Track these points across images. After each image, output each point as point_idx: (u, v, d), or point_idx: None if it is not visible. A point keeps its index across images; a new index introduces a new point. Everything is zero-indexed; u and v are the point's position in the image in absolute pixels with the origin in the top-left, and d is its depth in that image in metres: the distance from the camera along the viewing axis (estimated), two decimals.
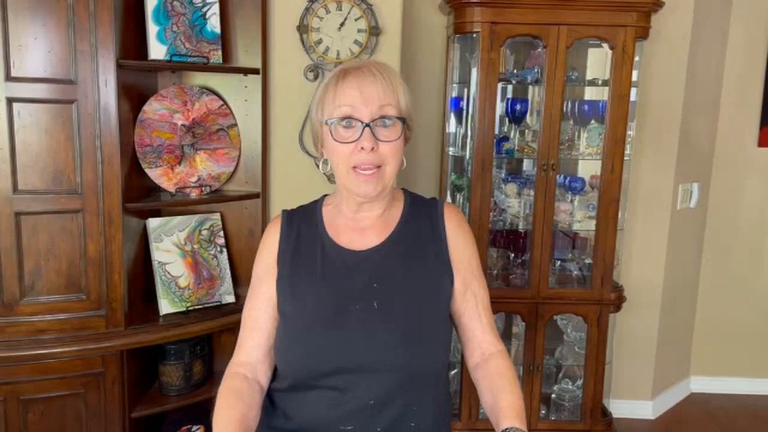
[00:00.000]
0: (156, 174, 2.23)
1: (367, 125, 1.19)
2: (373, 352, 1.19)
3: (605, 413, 2.80)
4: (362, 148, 1.18)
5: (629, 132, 2.57)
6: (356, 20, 2.34)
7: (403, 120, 1.23)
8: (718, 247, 3.25)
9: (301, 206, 1.39)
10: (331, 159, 1.26)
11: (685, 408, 3.23)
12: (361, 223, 1.31)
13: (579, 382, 2.79)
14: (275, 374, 1.33)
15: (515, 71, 2.70)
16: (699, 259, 3.26)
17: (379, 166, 1.21)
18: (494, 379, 1.26)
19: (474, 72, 2.51)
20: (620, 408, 3.01)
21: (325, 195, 1.40)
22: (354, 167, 1.21)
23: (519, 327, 2.80)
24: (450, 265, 1.30)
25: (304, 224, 1.33)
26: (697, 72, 2.89)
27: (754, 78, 3.10)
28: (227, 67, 2.34)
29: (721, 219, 3.23)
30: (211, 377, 2.38)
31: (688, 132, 2.91)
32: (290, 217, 1.35)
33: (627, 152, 2.59)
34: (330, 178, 2.31)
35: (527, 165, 2.83)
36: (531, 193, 2.62)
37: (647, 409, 3.09)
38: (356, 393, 1.19)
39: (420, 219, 1.33)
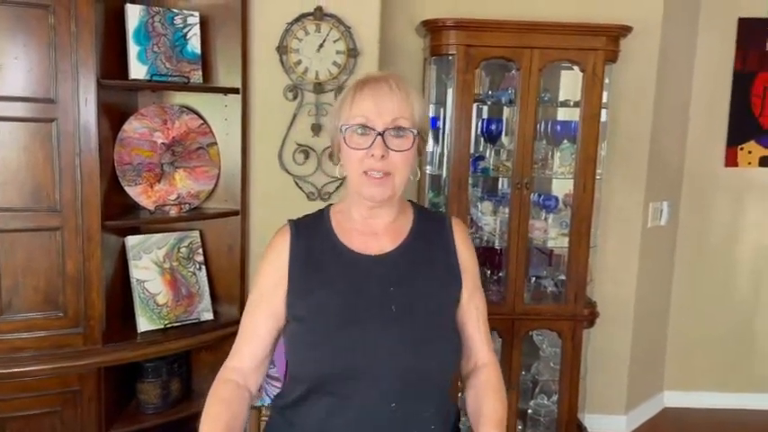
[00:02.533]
0: (136, 191, 2.25)
1: (380, 134, 1.23)
2: (389, 354, 1.21)
3: (580, 428, 2.84)
4: (373, 155, 1.23)
5: (600, 152, 2.65)
6: (335, 42, 2.40)
7: (416, 132, 1.27)
8: (689, 263, 3.33)
9: (306, 215, 1.40)
10: (345, 164, 1.30)
11: (659, 422, 3.28)
12: (373, 228, 1.34)
13: (555, 398, 2.83)
14: (282, 387, 1.36)
15: (490, 92, 2.76)
16: (670, 276, 3.34)
17: (388, 174, 1.25)
18: (481, 387, 1.32)
19: (450, 93, 2.57)
20: (594, 422, 3.04)
21: (330, 205, 1.42)
22: (365, 172, 1.25)
23: (496, 343, 2.84)
24: (459, 276, 1.35)
25: (313, 232, 1.35)
26: (665, 94, 2.98)
27: (720, 100, 3.21)
28: (207, 86, 2.37)
29: (691, 236, 3.31)
30: (189, 395, 2.38)
31: (657, 152, 3.00)
32: (297, 227, 1.36)
33: (598, 171, 2.66)
34: (309, 197, 2.35)
35: (502, 183, 2.89)
36: (507, 210, 2.67)
37: (621, 424, 3.13)
38: (368, 396, 1.21)
39: (430, 229, 1.38)
